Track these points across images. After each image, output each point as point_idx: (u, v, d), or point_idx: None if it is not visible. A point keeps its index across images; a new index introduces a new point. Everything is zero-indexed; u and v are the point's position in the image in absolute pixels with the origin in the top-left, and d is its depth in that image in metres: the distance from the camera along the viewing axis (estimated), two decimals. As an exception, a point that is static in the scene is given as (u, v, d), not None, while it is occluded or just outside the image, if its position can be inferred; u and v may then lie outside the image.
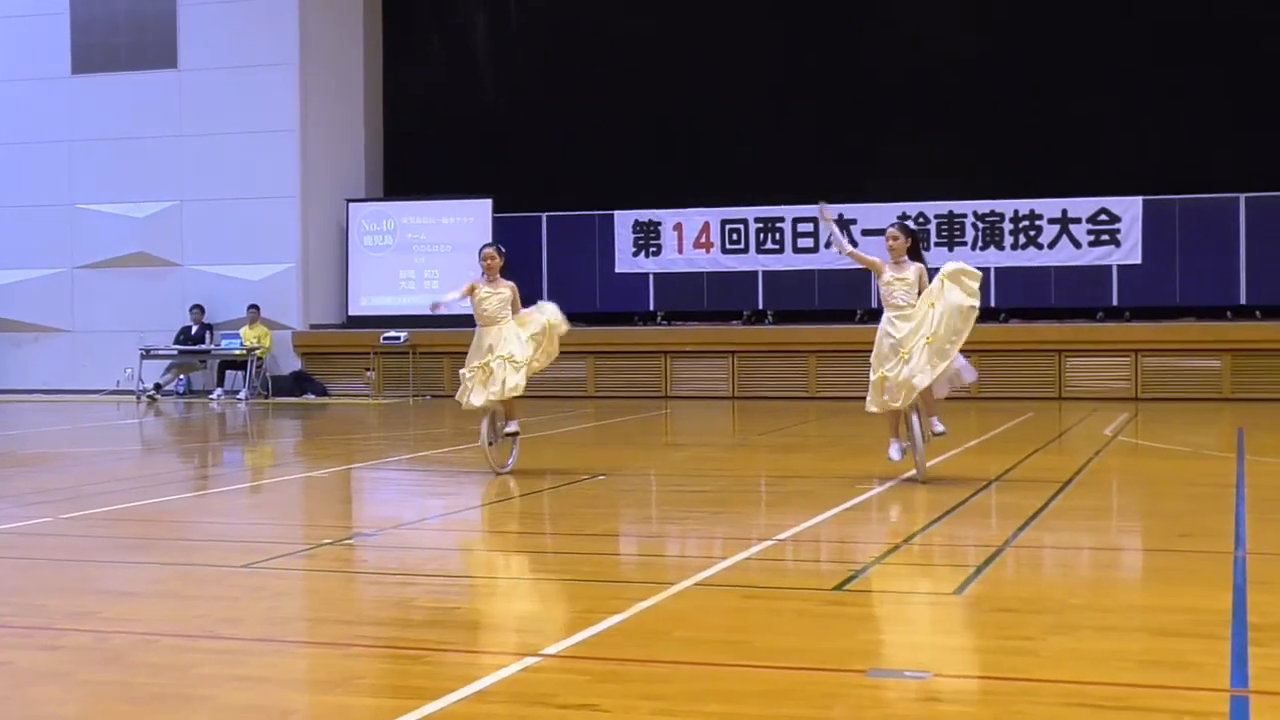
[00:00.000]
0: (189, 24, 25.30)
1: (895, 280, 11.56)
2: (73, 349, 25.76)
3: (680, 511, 10.53)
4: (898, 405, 11.45)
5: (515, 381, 12.37)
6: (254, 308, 24.59)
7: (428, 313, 24.59)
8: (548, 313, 12.81)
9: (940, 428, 11.51)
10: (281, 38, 24.88)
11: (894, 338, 11.48)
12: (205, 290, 25.04)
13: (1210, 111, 23.30)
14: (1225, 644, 6.02)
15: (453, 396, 23.87)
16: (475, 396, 12.42)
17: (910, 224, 11.90)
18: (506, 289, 12.91)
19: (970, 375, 11.68)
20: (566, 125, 25.84)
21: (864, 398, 11.84)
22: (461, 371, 12.82)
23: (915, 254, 11.77)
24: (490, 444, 12.51)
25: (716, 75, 25.19)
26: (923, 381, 11.27)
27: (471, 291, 12.73)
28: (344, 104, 25.87)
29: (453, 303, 12.72)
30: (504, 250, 13.12)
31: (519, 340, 12.49)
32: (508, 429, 12.66)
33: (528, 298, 13.09)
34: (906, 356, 11.38)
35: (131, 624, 6.65)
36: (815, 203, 23.64)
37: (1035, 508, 9.98)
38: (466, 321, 25.61)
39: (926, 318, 11.39)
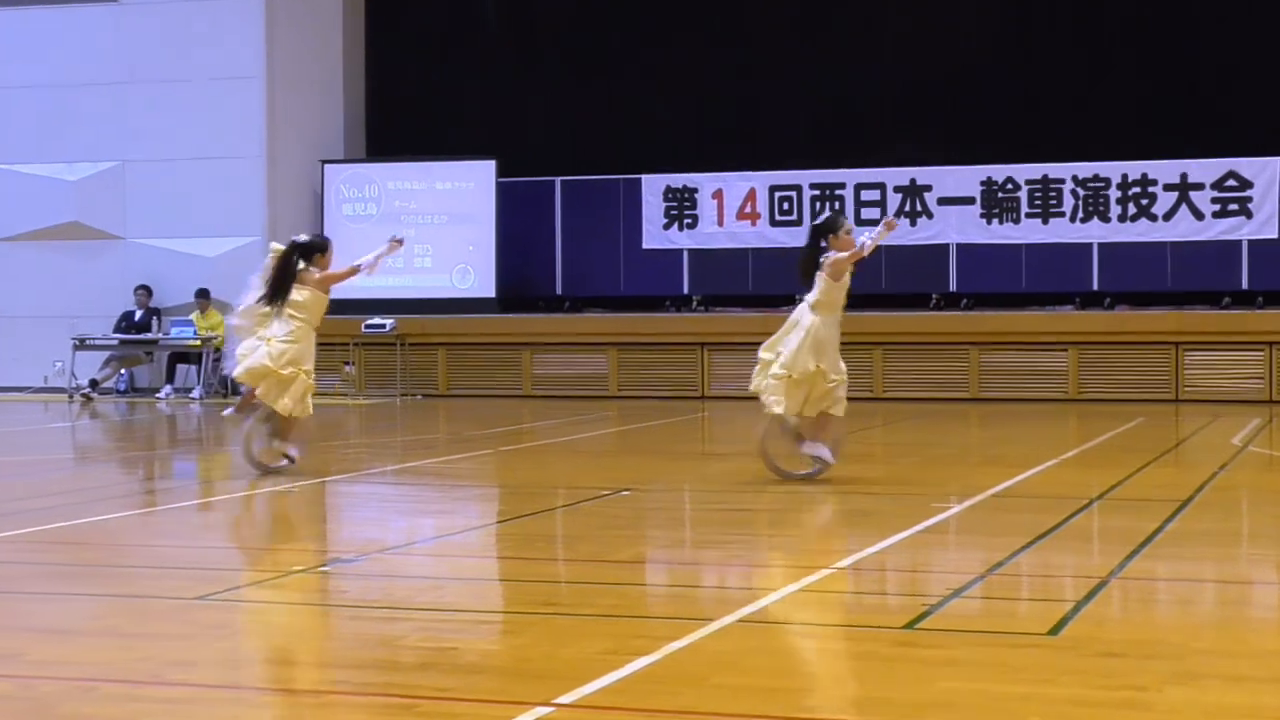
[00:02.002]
0: (133, -50, 25.39)
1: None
2: (-7, 338, 25.87)
3: (720, 534, 10.53)
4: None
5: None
6: (202, 293, 24.60)
7: (417, 295, 24.74)
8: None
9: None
10: (244, -34, 24.97)
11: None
12: (151, 269, 25.12)
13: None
14: (1378, 696, 6.00)
15: (447, 395, 24.07)
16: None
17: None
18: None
19: None
20: (585, 74, 25.83)
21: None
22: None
23: None
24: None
25: (766, 14, 25.14)
26: None
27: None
28: (320, 46, 25.90)
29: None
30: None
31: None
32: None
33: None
34: None
35: (64, 668, 6.67)
36: (880, 165, 23.98)
37: (1147, 532, 9.94)
38: (464, 307, 25.70)
39: None
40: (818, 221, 13.03)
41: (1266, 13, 23.47)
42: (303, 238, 13.85)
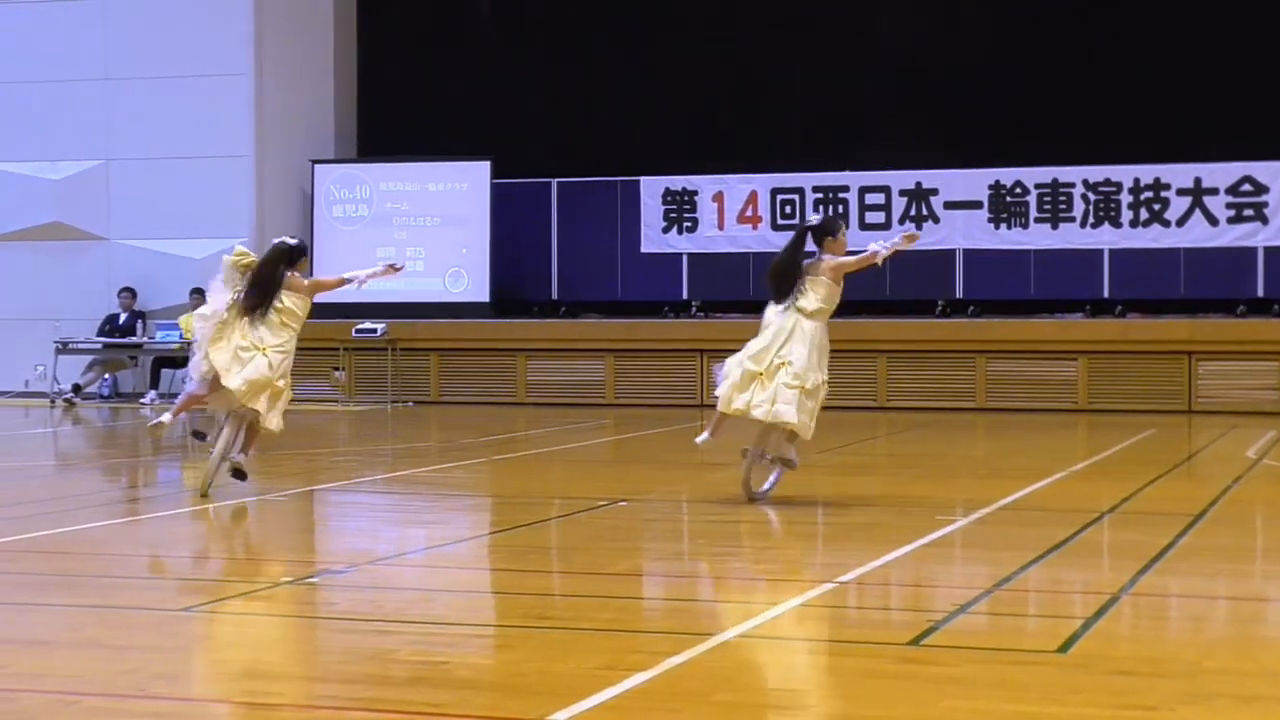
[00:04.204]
0: (119, -58, 25.37)
1: None
2: (-27, 341, 25.83)
3: (719, 546, 10.53)
4: None
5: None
6: (197, 292, 24.60)
7: (409, 300, 24.74)
8: None
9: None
10: (233, -40, 24.95)
11: None
12: (136, 270, 25.10)
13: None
14: (1395, 717, 6.01)
15: (439, 402, 24.05)
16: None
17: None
18: None
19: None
20: (582, 73, 25.82)
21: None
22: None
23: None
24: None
25: (767, 13, 25.14)
26: None
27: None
28: (310, 42, 25.90)
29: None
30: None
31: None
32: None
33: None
34: None
35: (45, 680, 6.66)
36: (885, 167, 23.97)
37: (1159, 547, 9.95)
38: (457, 311, 25.67)
39: None
40: (814, 223, 12.60)
41: (1283, 13, 23.48)
42: (291, 240, 13.04)
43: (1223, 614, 8.43)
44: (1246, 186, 22.92)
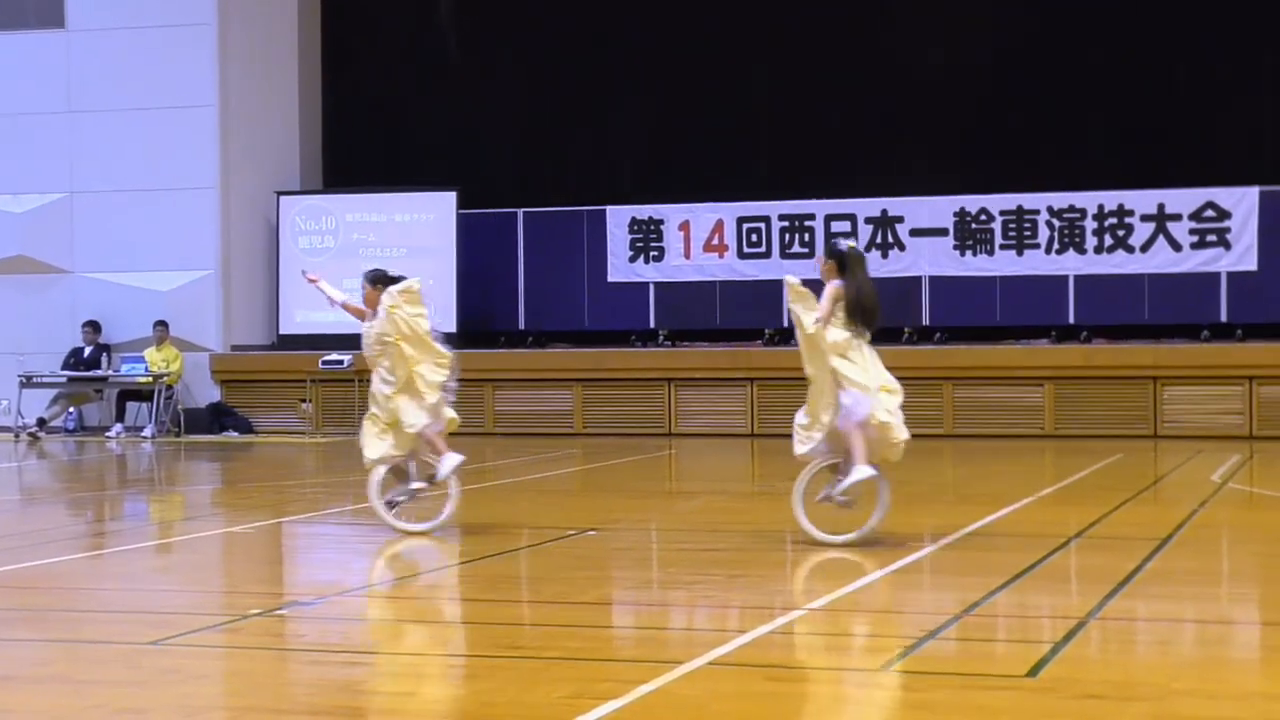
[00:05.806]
0: (82, -25, 25.34)
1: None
2: (-63, 375, 25.72)
3: (688, 574, 10.52)
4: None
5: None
6: (162, 325, 24.58)
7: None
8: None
9: (842, 485, 11.42)
10: (197, -8, 24.93)
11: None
12: (101, 303, 25.02)
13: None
14: (1363, 738, 6.03)
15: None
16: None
17: (842, 242, 11.80)
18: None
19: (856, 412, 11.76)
20: (547, 103, 25.85)
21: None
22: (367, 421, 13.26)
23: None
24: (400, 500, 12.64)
25: (731, 41, 25.21)
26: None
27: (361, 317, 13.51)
28: (275, 74, 25.89)
29: (327, 294, 13.89)
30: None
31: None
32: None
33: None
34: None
35: (11, 716, 6.63)
36: (851, 195, 24.03)
37: (1126, 571, 9.98)
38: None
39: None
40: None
41: (1244, 41, 23.62)
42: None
43: (1190, 637, 8.45)
44: (1209, 212, 23.03)
